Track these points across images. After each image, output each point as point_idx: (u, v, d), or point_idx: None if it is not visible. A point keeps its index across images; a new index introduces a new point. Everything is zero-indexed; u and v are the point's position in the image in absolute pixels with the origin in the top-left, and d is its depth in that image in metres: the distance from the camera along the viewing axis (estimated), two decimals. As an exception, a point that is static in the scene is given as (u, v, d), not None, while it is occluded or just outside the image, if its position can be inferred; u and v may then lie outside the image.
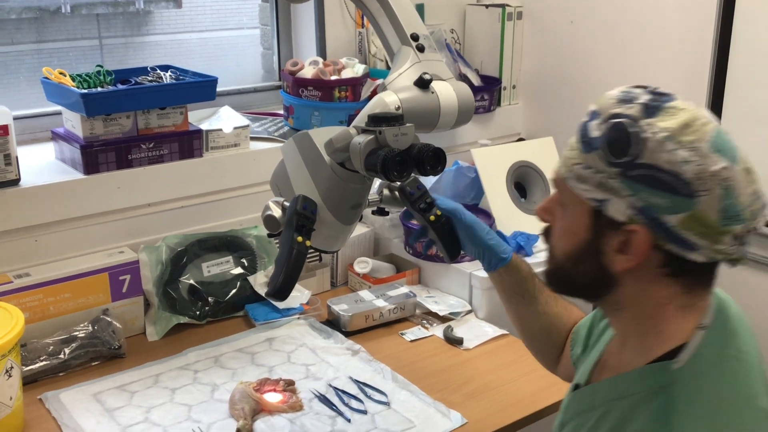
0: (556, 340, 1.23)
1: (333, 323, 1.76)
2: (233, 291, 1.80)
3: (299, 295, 1.83)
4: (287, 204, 1.24)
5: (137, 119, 1.73)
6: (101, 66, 1.77)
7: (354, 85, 1.98)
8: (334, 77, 1.98)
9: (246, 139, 1.90)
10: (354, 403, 1.47)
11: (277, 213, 1.24)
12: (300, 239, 1.19)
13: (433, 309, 1.81)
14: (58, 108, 1.78)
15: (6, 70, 1.92)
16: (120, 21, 2.08)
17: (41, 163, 1.76)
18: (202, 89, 1.79)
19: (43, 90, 1.75)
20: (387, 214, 1.36)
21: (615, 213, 0.86)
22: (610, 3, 2.16)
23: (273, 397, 1.45)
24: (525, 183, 2.07)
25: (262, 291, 1.80)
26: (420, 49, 1.33)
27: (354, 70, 2.02)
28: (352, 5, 2.17)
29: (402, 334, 1.74)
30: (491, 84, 2.33)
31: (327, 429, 1.40)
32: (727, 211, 0.83)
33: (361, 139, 1.15)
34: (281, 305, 1.77)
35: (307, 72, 1.98)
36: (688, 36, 1.99)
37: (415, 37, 1.34)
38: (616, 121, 0.86)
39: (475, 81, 2.28)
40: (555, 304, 1.24)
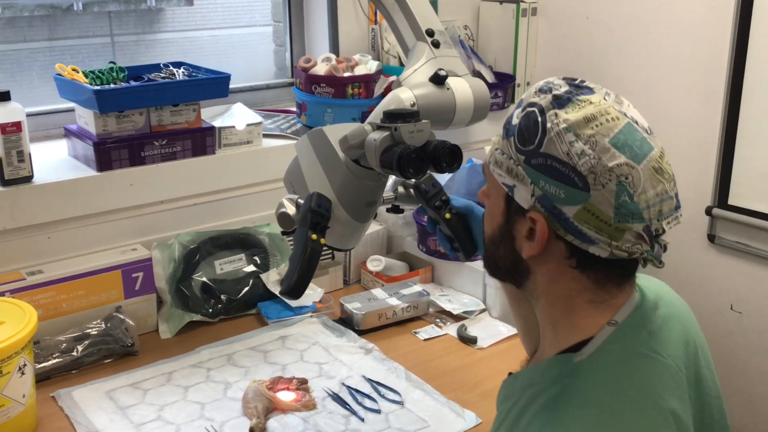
0: None
1: (346, 321, 1.75)
2: (246, 288, 1.80)
3: (312, 293, 1.82)
4: (301, 201, 1.23)
5: (150, 116, 1.72)
6: (114, 62, 1.76)
7: (367, 82, 1.97)
8: (347, 74, 1.97)
9: (259, 137, 1.89)
10: (368, 402, 1.46)
11: (291, 210, 1.23)
12: (314, 237, 1.18)
13: (447, 307, 1.80)
14: (71, 105, 1.78)
15: (19, 67, 1.92)
16: (132, 18, 2.08)
17: (54, 160, 1.75)
18: (215, 86, 1.78)
19: (56, 87, 1.75)
20: (402, 211, 1.35)
21: (520, 199, 0.88)
22: (625, -1, 2.14)
23: (286, 396, 1.45)
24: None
25: (274, 288, 1.79)
26: (435, 45, 1.32)
27: (367, 66, 2.01)
28: (365, 1, 2.16)
29: (415, 332, 1.73)
30: (505, 81, 2.31)
31: (341, 428, 1.39)
32: (623, 208, 0.83)
33: (377, 136, 1.13)
34: (294, 303, 1.77)
35: (320, 69, 1.97)
36: (705, 32, 1.97)
37: (431, 33, 1.32)
38: (528, 110, 0.88)
39: (489, 78, 2.26)
40: None
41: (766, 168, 1.89)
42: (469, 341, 1.69)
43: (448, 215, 1.26)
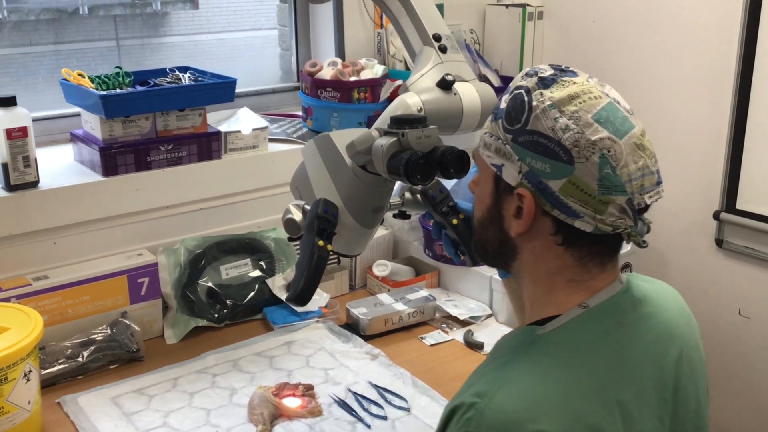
0: None
1: (352, 327, 1.75)
2: (251, 294, 1.79)
3: (318, 299, 1.81)
4: (308, 207, 1.22)
5: (156, 121, 1.72)
6: (120, 67, 1.76)
7: (373, 86, 1.96)
8: (353, 78, 1.96)
9: (264, 141, 1.89)
10: (374, 409, 1.45)
11: (298, 216, 1.23)
12: (321, 243, 1.17)
13: (453, 313, 1.79)
14: (76, 109, 1.78)
15: (25, 71, 1.92)
16: (137, 22, 2.08)
17: (60, 165, 1.75)
18: (221, 91, 1.78)
19: (62, 91, 1.75)
20: (408, 217, 1.34)
21: (508, 177, 0.92)
22: (632, 2, 2.13)
23: (292, 402, 1.44)
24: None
25: (280, 294, 1.78)
26: (442, 50, 1.31)
27: (373, 71, 2.01)
28: (371, 5, 2.15)
29: (421, 338, 1.72)
30: (511, 85, 2.30)
31: (347, 435, 1.38)
32: (606, 180, 0.86)
33: (384, 142, 1.12)
34: (300, 309, 1.76)
35: (326, 73, 1.97)
36: (713, 36, 1.96)
37: (438, 38, 1.32)
38: (515, 92, 0.92)
39: (495, 82, 2.26)
40: None
41: (774, 172, 1.88)
42: (476, 347, 1.68)
43: (455, 221, 1.25)
